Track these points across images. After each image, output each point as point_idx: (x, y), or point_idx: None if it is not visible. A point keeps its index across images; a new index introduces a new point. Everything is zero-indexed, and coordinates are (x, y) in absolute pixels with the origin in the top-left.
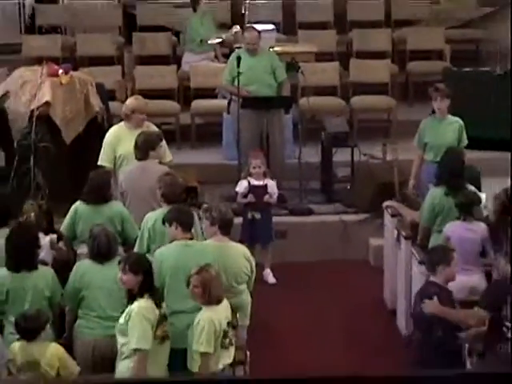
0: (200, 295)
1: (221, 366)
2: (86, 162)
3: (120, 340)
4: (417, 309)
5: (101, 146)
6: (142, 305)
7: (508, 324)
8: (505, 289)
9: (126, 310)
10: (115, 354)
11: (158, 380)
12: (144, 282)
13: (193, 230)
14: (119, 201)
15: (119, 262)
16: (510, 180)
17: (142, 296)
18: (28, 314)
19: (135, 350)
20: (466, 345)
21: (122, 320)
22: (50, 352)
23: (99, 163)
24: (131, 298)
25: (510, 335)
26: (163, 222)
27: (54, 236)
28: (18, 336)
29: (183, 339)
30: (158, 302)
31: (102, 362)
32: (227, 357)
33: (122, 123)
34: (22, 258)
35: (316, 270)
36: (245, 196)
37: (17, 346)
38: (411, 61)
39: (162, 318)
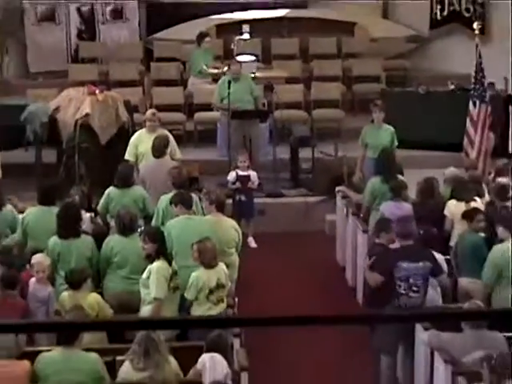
0: (196, 258)
1: (205, 314)
2: (116, 158)
3: (143, 291)
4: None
5: (127, 146)
6: (159, 265)
7: (400, 283)
8: (392, 256)
9: (147, 269)
10: (133, 303)
11: (169, 319)
12: (159, 248)
13: (194, 209)
14: (140, 186)
15: (140, 234)
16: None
17: (158, 258)
18: (74, 270)
19: (154, 299)
20: None
21: (144, 276)
22: (91, 299)
23: (126, 158)
24: (151, 260)
25: (402, 291)
26: (170, 203)
27: (93, 214)
28: (66, 286)
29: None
30: (169, 262)
31: (123, 310)
32: (214, 310)
33: (143, 129)
34: (69, 228)
35: (286, 238)
36: (233, 183)
37: (66, 294)
38: (356, 83)
39: (174, 274)
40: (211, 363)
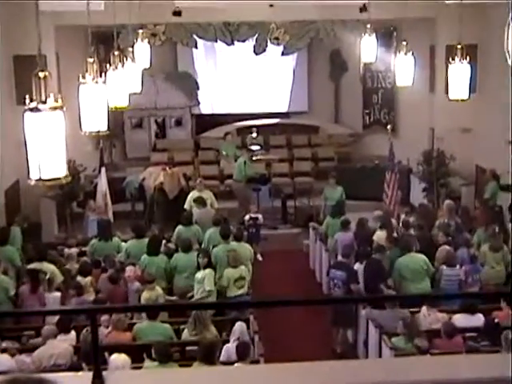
0: (229, 264)
1: (233, 295)
2: (178, 208)
3: (196, 286)
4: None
5: (185, 201)
6: (210, 271)
7: (330, 281)
8: (330, 266)
9: (202, 273)
10: (189, 293)
11: (210, 303)
12: (208, 261)
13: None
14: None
15: (197, 253)
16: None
17: (208, 267)
18: (150, 274)
19: (208, 291)
20: None
21: (199, 276)
22: (159, 291)
23: (185, 207)
24: (203, 267)
25: (331, 286)
26: (219, 234)
27: (165, 241)
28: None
29: None
30: (214, 269)
31: (183, 297)
32: (238, 292)
33: (195, 190)
34: (153, 249)
35: (279, 254)
36: (248, 221)
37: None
38: (320, 162)
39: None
40: (240, 328)
